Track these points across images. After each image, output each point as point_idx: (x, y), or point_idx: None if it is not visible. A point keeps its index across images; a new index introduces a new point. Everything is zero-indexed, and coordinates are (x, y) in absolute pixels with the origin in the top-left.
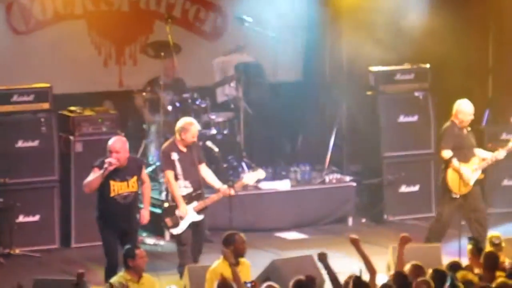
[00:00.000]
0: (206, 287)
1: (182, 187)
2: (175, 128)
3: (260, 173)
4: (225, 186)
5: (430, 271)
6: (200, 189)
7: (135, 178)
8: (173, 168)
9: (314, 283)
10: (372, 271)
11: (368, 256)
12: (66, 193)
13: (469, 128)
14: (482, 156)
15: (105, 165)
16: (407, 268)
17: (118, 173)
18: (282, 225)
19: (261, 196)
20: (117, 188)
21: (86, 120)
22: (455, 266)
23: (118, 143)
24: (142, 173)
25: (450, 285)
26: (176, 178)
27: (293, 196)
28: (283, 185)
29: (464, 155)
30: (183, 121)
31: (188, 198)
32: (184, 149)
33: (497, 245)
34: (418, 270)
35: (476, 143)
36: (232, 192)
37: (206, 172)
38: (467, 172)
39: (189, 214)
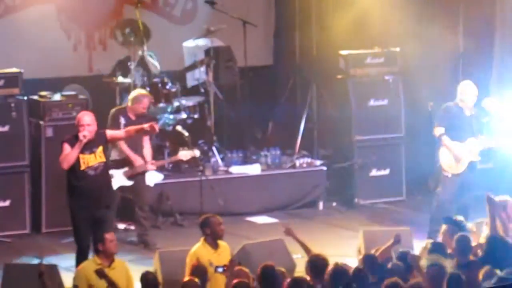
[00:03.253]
0: (186, 270)
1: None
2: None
3: (196, 151)
4: (153, 161)
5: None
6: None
7: (100, 148)
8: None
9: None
10: (309, 253)
11: (306, 244)
12: (37, 178)
13: (473, 112)
14: (483, 142)
15: (80, 138)
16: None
17: (86, 146)
18: (252, 209)
19: (231, 180)
20: (87, 160)
21: (56, 105)
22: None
23: (87, 116)
24: (108, 137)
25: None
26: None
27: (264, 180)
28: (254, 169)
29: (460, 136)
30: (137, 91)
31: (122, 163)
32: (133, 117)
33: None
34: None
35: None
36: (152, 167)
37: (145, 145)
38: (459, 149)
39: (117, 178)
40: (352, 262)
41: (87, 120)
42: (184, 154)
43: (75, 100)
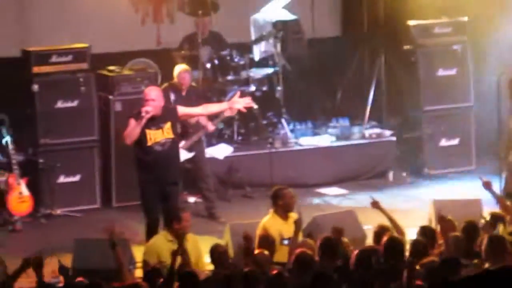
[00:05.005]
0: (256, 242)
1: None
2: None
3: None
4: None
5: (462, 225)
6: (189, 129)
7: (169, 124)
8: None
9: (341, 234)
10: (400, 231)
11: (393, 217)
12: (106, 153)
13: None
14: None
15: (142, 114)
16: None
17: (153, 122)
18: (322, 180)
19: (301, 152)
20: (153, 136)
21: (124, 80)
22: (496, 218)
23: (153, 91)
24: (179, 113)
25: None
26: None
27: (334, 151)
28: (323, 140)
29: None
30: (180, 67)
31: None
32: (183, 93)
33: None
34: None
35: None
36: (212, 127)
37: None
38: None
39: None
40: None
41: (153, 95)
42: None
43: (144, 74)
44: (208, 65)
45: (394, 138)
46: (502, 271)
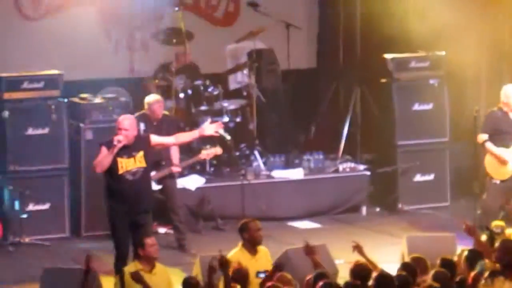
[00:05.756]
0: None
1: None
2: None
3: (218, 149)
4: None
5: (438, 261)
6: (161, 160)
7: (141, 153)
8: None
9: (314, 253)
10: (376, 270)
11: (374, 262)
12: (76, 181)
13: None
14: None
15: (114, 142)
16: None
17: (125, 150)
18: (295, 214)
19: (273, 184)
20: (125, 165)
21: (96, 108)
22: (474, 255)
23: (127, 120)
24: (151, 143)
25: (479, 272)
26: None
27: (306, 184)
28: (296, 173)
29: (505, 140)
30: (150, 98)
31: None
32: (154, 122)
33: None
34: (419, 262)
35: None
36: (177, 168)
37: (172, 149)
38: (504, 154)
39: None
40: (395, 269)
41: (126, 124)
42: (206, 153)
43: (116, 102)
44: (182, 95)
45: (368, 173)
46: None
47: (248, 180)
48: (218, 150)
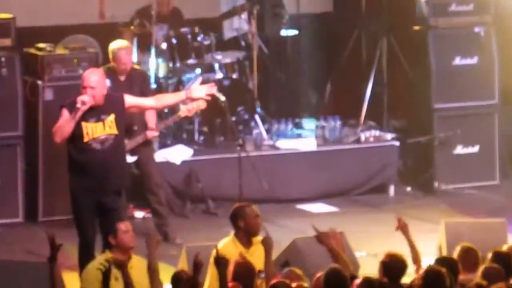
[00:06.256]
0: (209, 269)
1: None
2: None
3: (201, 103)
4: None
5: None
6: (134, 125)
7: (112, 117)
8: None
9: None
10: (417, 263)
11: (416, 247)
12: (33, 153)
13: None
14: None
15: (78, 104)
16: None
17: (92, 113)
18: (306, 194)
19: (279, 157)
20: (91, 130)
21: (58, 61)
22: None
23: (93, 76)
24: (125, 104)
25: None
26: None
27: (320, 158)
28: (307, 144)
29: None
30: (114, 44)
31: None
32: (122, 78)
33: None
34: (469, 253)
35: None
36: (152, 133)
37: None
38: None
39: None
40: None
41: (92, 81)
42: (186, 109)
43: (83, 54)
44: (164, 45)
45: (397, 143)
46: None
47: (246, 152)
48: (201, 104)
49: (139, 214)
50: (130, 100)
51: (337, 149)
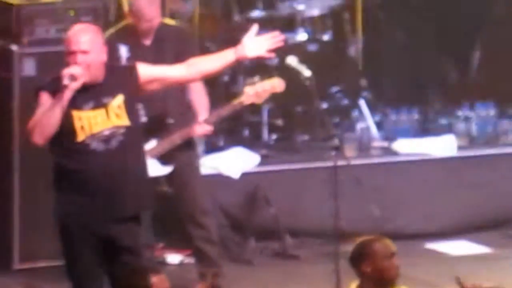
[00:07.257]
0: None
1: None
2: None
3: (277, 82)
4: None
5: None
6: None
7: (120, 98)
8: None
9: None
10: None
11: None
12: (4, 164)
13: None
14: None
15: (64, 81)
16: None
17: (87, 95)
18: (440, 227)
19: (398, 168)
20: (88, 122)
21: (44, 14)
22: None
23: (84, 34)
24: (139, 78)
25: None
26: None
27: (463, 168)
28: (442, 147)
29: None
30: None
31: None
32: (147, 40)
33: None
34: None
35: None
36: (203, 128)
37: (194, 87)
38: None
39: None
40: None
41: (84, 42)
42: (254, 92)
43: (83, 3)
44: None
45: None
46: None
47: (346, 159)
48: (277, 85)
49: (173, 258)
50: (146, 70)
51: (490, 153)
